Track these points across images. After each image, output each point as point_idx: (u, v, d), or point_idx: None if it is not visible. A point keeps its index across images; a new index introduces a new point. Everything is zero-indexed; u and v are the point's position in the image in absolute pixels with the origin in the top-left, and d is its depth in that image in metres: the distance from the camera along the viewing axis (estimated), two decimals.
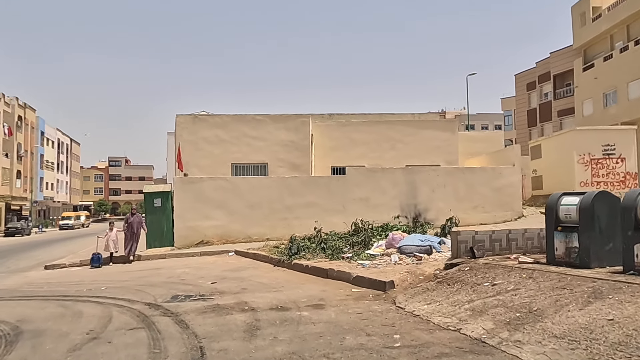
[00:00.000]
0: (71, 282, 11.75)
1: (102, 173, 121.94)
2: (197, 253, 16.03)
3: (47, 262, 18.34)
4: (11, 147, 56.63)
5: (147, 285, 10.44)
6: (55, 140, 76.54)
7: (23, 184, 60.15)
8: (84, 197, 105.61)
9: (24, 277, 13.71)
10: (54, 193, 75.64)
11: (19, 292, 10.36)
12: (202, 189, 17.73)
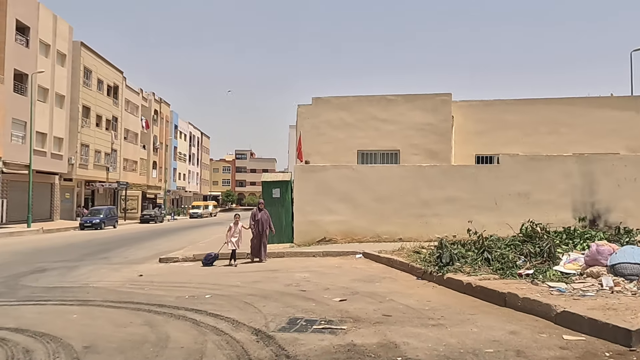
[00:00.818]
0: (176, 283, 9.99)
1: (229, 165, 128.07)
2: (318, 253, 13.73)
3: (165, 252, 17.43)
4: (148, 139, 60.33)
5: (259, 296, 8.21)
6: (187, 133, 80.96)
7: (158, 174, 63.99)
8: (212, 187, 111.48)
9: (134, 270, 12.44)
10: (186, 183, 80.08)
11: (114, 294, 8.74)
12: (325, 178, 15.43)
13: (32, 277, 11.28)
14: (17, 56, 32.26)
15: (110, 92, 48.59)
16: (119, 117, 50.51)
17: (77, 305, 7.80)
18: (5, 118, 30.74)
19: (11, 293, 9.12)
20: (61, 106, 38.76)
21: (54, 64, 37.36)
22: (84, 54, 42.43)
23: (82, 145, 42.28)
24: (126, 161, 52.88)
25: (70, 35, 40.08)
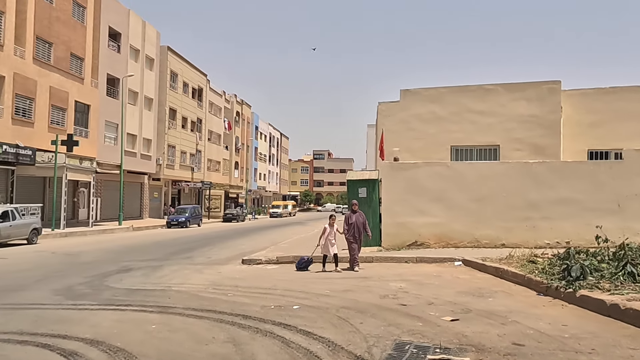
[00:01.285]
0: (261, 289, 9.21)
1: (307, 165, 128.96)
2: (411, 258, 12.49)
3: (247, 252, 16.99)
4: (230, 140, 61.69)
5: (354, 309, 7.17)
6: (267, 134, 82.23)
7: (240, 174, 65.31)
8: (291, 187, 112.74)
9: (217, 272, 11.91)
10: (266, 183, 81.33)
11: (196, 301, 8.09)
12: (416, 176, 14.12)
13: (117, 277, 11.05)
14: (110, 61, 33.77)
15: (195, 95, 50.04)
16: (203, 119, 51.91)
17: (157, 313, 7.19)
18: (99, 120, 32.24)
19: (94, 295, 8.78)
20: (149, 108, 40.28)
21: (143, 68, 38.87)
22: (170, 58, 43.90)
23: (169, 146, 43.75)
24: (210, 161, 54.27)
25: (157, 40, 41.58)
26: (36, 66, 26.20)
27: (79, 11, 30.18)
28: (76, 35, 29.68)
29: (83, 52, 30.40)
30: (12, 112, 24.42)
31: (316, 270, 11.58)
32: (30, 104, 25.80)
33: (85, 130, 30.52)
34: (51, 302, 7.99)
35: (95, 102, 31.63)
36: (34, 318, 6.87)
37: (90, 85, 31.27)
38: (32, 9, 25.81)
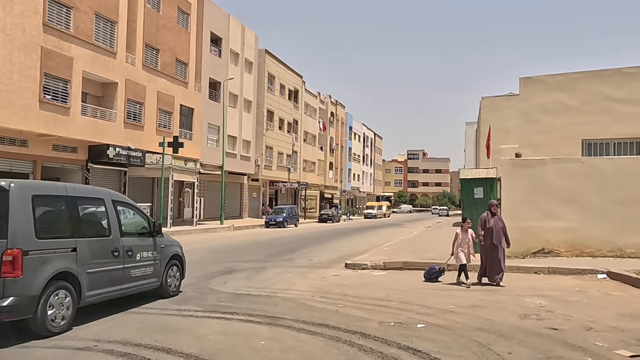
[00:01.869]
0: (373, 300, 8.25)
1: (401, 166, 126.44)
2: (542, 269, 10.85)
3: (348, 255, 16.18)
4: (325, 141, 61.73)
5: (493, 332, 5.96)
6: (361, 134, 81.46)
7: (334, 174, 65.15)
8: (385, 188, 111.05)
9: (321, 277, 11.16)
10: (360, 184, 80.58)
11: (305, 311, 7.31)
12: (543, 174, 12.38)
13: (221, 279, 10.67)
14: (211, 66, 34.83)
15: (291, 96, 50.52)
16: (299, 120, 52.30)
17: (266, 324, 6.48)
18: (202, 123, 33.33)
19: (199, 299, 8.34)
20: (249, 111, 41.14)
21: (242, 72, 39.76)
22: (268, 61, 44.60)
23: (267, 148, 44.45)
24: (305, 162, 54.58)
25: (256, 43, 42.39)
26: (145, 72, 27.49)
27: (183, 18, 31.35)
28: (181, 41, 30.84)
29: (187, 57, 31.55)
30: (124, 116, 25.77)
31: (452, 283, 9.94)
32: (140, 108, 27.11)
33: (189, 133, 31.64)
34: (156, 306, 7.63)
35: (198, 105, 32.72)
36: (138, 324, 6.47)
37: (194, 90, 32.39)
38: (142, 17, 27.12)
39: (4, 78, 19.17)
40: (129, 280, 7.40)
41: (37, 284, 5.66)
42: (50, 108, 21.24)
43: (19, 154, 21.08)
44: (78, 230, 6.55)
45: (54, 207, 6.46)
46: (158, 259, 8.10)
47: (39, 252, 5.78)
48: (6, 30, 19.21)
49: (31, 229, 5.76)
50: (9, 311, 5.40)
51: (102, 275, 6.79)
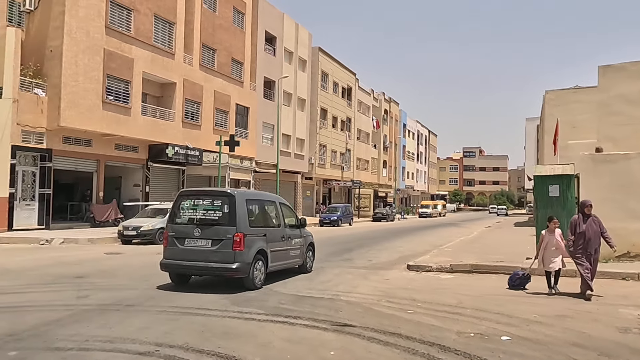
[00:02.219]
0: (445, 306, 7.63)
1: (457, 164, 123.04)
2: (631, 274, 9.90)
3: (408, 256, 15.56)
4: (378, 139, 60.85)
5: (593, 349, 5.25)
6: (415, 131, 79.83)
7: (388, 172, 64.13)
8: (440, 186, 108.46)
9: (384, 279, 10.62)
10: (414, 182, 79.00)
11: (373, 317, 6.81)
12: (627, 170, 11.28)
13: (281, 278, 10.33)
14: (266, 65, 34.92)
15: (344, 94, 50.05)
16: (352, 118, 51.76)
17: (333, 331, 6.04)
18: (257, 122, 33.47)
19: (261, 300, 8.03)
20: (302, 109, 41.02)
21: (296, 70, 39.67)
22: (321, 59, 44.33)
23: (320, 146, 44.20)
24: (359, 160, 53.96)
25: (309, 41, 42.21)
26: (202, 72, 27.85)
27: (239, 18, 31.56)
28: (236, 41, 31.07)
29: (242, 56, 31.75)
30: (182, 116, 26.20)
31: (533, 292, 8.75)
32: (197, 108, 27.48)
33: (244, 132, 31.84)
34: (217, 308, 7.36)
35: (253, 104, 32.87)
36: (200, 327, 6.19)
37: (249, 89, 32.57)
38: (198, 18, 27.47)
39: (69, 80, 19.83)
40: (288, 258, 10.45)
41: (250, 255, 8.77)
42: (113, 108, 21.82)
43: (84, 153, 21.79)
44: (266, 222, 9.90)
45: (255, 207, 9.68)
46: (302, 244, 11.08)
47: (251, 236, 8.89)
48: (71, 33, 19.86)
49: (247, 221, 8.90)
50: (236, 271, 8.64)
51: (277, 253, 9.80)
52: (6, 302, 7.60)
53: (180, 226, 9.03)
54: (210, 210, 8.93)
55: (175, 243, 8.90)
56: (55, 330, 5.97)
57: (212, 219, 8.85)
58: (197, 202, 9.12)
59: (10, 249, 15.19)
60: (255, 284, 8.88)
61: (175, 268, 8.99)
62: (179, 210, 9.17)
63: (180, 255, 8.81)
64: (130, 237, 17.37)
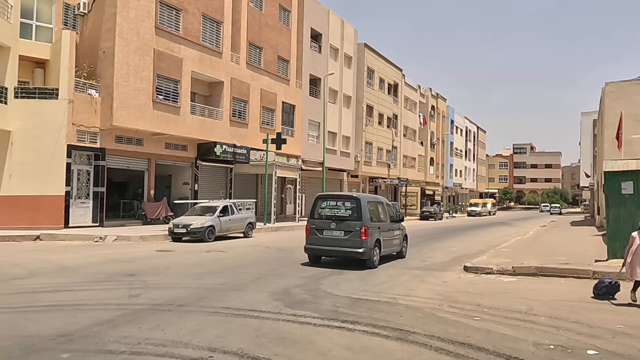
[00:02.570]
0: (514, 312, 7.03)
1: (507, 161, 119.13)
2: None
3: (462, 256, 14.93)
4: (425, 135, 59.54)
5: None
6: (463, 128, 77.72)
7: (435, 170, 62.68)
8: (489, 184, 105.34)
9: (442, 282, 10.05)
10: (462, 180, 76.95)
11: (437, 324, 6.31)
12: None
13: (333, 280, 9.98)
14: (312, 62, 34.66)
15: (390, 91, 49.18)
16: (398, 115, 50.81)
17: (395, 339, 5.59)
18: (303, 119, 33.28)
19: (314, 303, 7.67)
20: (348, 106, 40.54)
21: (342, 67, 39.21)
22: (367, 55, 43.68)
23: (366, 143, 43.58)
24: (405, 158, 52.94)
25: (355, 38, 41.64)
26: (249, 70, 27.87)
27: (285, 15, 31.42)
28: (282, 39, 30.95)
29: (288, 54, 31.60)
30: (229, 115, 26.29)
31: (618, 303, 7.72)
32: (244, 106, 27.53)
33: (291, 130, 31.70)
34: (270, 309, 7.06)
35: (299, 102, 32.69)
36: (254, 331, 5.89)
37: (295, 86, 32.39)
38: (245, 17, 27.50)
39: (121, 80, 20.19)
40: (392, 245, 13.40)
41: (371, 243, 11.63)
42: (163, 108, 22.10)
43: (136, 152, 22.18)
44: (378, 218, 12.54)
45: (372, 207, 12.41)
46: (400, 235, 14.03)
47: (371, 228, 11.69)
48: (123, 34, 20.20)
49: (368, 217, 11.70)
50: (362, 254, 11.45)
51: (386, 241, 12.74)
52: (61, 299, 7.59)
53: (319, 221, 12.03)
54: (342, 209, 11.86)
55: (315, 233, 12.02)
56: (107, 331, 5.82)
57: (344, 216, 11.77)
58: (331, 203, 12.10)
59: (67, 245, 15.55)
60: (374, 264, 11.83)
61: (315, 251, 12.16)
62: (318, 209, 12.15)
63: (319, 242, 11.94)
64: (180, 234, 17.48)
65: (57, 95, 19.07)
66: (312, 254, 12.31)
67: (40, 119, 18.84)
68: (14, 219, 18.41)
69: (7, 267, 10.83)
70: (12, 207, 18.47)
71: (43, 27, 20.62)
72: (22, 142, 18.72)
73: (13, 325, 6.02)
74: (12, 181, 18.60)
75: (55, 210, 18.88)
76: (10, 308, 6.95)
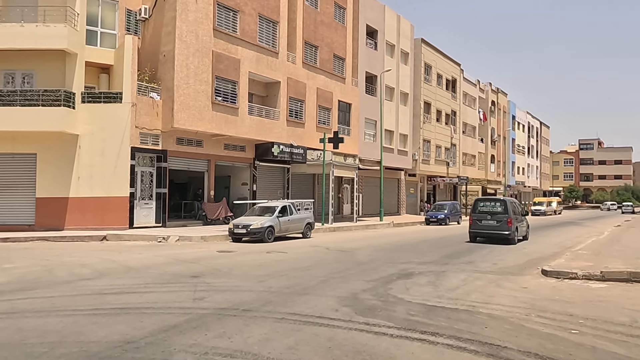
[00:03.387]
0: (616, 325, 6.22)
1: (572, 157, 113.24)
2: None
3: (536, 259, 13.98)
4: (485, 132, 57.38)
5: None
6: (525, 124, 74.41)
7: (496, 168, 60.29)
8: (553, 182, 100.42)
9: (521, 287, 9.24)
10: (525, 178, 73.64)
11: (529, 337, 5.63)
12: None
13: (401, 284, 9.40)
14: (367, 59, 34.03)
15: (449, 86, 47.67)
16: (457, 111, 49.20)
17: (486, 356, 4.98)
18: (360, 118, 32.71)
19: (386, 310, 7.13)
20: (405, 103, 39.58)
21: (398, 63, 38.32)
22: (424, 51, 42.52)
23: (424, 141, 42.43)
24: (465, 155, 51.19)
25: (411, 33, 40.62)
26: (305, 69, 27.64)
27: (340, 13, 31.00)
28: (337, 37, 30.53)
29: (344, 52, 31.15)
30: (286, 115, 26.16)
31: None
32: (300, 106, 27.34)
33: (347, 128, 31.23)
34: (340, 317, 6.60)
35: (355, 100, 32.17)
36: (326, 342, 5.45)
37: (351, 84, 31.89)
38: (300, 15, 27.29)
39: (181, 83, 20.44)
40: (522, 232, 19.23)
41: (513, 228, 17.79)
42: (221, 109, 22.23)
43: (196, 153, 22.44)
44: (515, 212, 18.51)
45: (511, 206, 18.36)
46: (525, 224, 20.01)
47: (515, 220, 18.03)
48: (182, 37, 20.45)
49: (511, 212, 18.01)
50: (508, 236, 17.73)
51: (519, 228, 18.60)
52: (127, 302, 7.48)
53: (479, 214, 18.41)
54: (495, 207, 18.26)
55: (476, 222, 18.44)
56: (173, 337, 5.56)
57: (496, 211, 18.06)
58: (487, 203, 18.73)
59: (132, 246, 15.82)
60: (515, 241, 17.93)
61: (476, 234, 18.55)
62: (478, 207, 18.66)
63: (480, 228, 18.37)
64: (240, 235, 17.42)
65: (121, 99, 19.55)
66: (474, 235, 18.69)
67: (105, 123, 19.38)
68: (83, 220, 19.02)
69: (76, 267, 11.01)
70: (80, 209, 19.10)
71: (107, 33, 21.24)
72: (89, 145, 19.32)
73: (81, 329, 5.90)
74: (80, 183, 19.23)
75: (121, 211, 19.36)
76: (79, 310, 6.88)
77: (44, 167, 19.06)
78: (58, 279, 9.53)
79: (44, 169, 19.06)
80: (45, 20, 18.80)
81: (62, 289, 8.43)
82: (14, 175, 19.21)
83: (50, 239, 16.85)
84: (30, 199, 19.10)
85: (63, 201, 19.06)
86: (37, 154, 19.11)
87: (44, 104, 18.20)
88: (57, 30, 18.36)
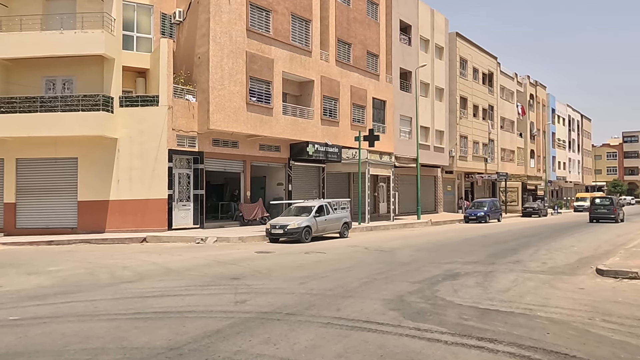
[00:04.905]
0: None
1: (615, 150, 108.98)
2: None
3: (588, 257, 13.39)
4: (524, 126, 55.68)
5: None
6: (565, 117, 71.88)
7: (536, 163, 58.46)
8: (596, 177, 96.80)
9: (577, 288, 8.69)
10: (566, 172, 71.17)
11: (597, 344, 5.19)
12: None
13: (448, 285, 8.99)
14: (401, 55, 33.44)
15: (485, 80, 46.44)
16: (494, 106, 47.90)
17: None
18: (394, 115, 32.17)
19: (436, 313, 6.77)
20: (440, 99, 38.75)
21: (433, 58, 37.54)
22: (459, 45, 41.55)
23: (461, 137, 41.45)
24: (503, 151, 49.80)
25: (446, 27, 39.75)
26: (338, 67, 27.35)
27: (372, 9, 30.55)
28: (370, 33, 30.10)
29: (377, 49, 30.69)
30: (320, 113, 25.93)
31: None
32: (334, 104, 27.05)
33: (382, 126, 30.77)
34: (388, 322, 6.27)
35: (390, 97, 31.66)
36: (377, 349, 5.15)
37: (385, 81, 31.41)
38: (333, 13, 27.00)
39: (216, 84, 20.48)
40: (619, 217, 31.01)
41: (617, 212, 30.58)
42: (256, 109, 22.18)
43: (232, 154, 22.47)
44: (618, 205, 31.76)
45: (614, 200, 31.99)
46: (620, 211, 31.48)
47: (617, 207, 30.80)
48: (216, 39, 20.48)
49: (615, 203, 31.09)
50: (614, 219, 30.16)
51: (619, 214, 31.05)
52: (168, 305, 7.36)
53: (594, 206, 30.84)
54: (604, 203, 31.05)
55: (593, 211, 30.79)
56: (217, 343, 5.37)
57: (606, 204, 30.85)
58: (599, 200, 31.47)
59: (171, 247, 15.89)
60: (618, 221, 29.64)
61: (595, 218, 30.52)
62: (594, 202, 30.93)
63: (595, 214, 30.70)
64: (277, 235, 17.28)
65: (158, 102, 19.73)
66: (593, 218, 30.04)
67: (143, 126, 19.59)
68: (123, 222, 19.29)
69: (118, 269, 11.05)
70: (120, 211, 19.37)
71: (143, 37, 21.49)
72: (127, 148, 19.58)
73: (124, 334, 5.78)
74: (120, 186, 19.51)
75: (159, 213, 19.53)
76: (122, 314, 6.80)
77: (85, 171, 19.42)
78: (100, 281, 9.55)
79: (85, 172, 19.42)
80: (83, 26, 19.15)
81: (105, 292, 8.42)
82: (57, 180, 19.65)
83: (92, 241, 17.13)
84: (72, 202, 19.50)
85: (104, 204, 19.38)
86: (78, 158, 19.49)
87: (83, 109, 18.54)
88: (95, 36, 18.66)
